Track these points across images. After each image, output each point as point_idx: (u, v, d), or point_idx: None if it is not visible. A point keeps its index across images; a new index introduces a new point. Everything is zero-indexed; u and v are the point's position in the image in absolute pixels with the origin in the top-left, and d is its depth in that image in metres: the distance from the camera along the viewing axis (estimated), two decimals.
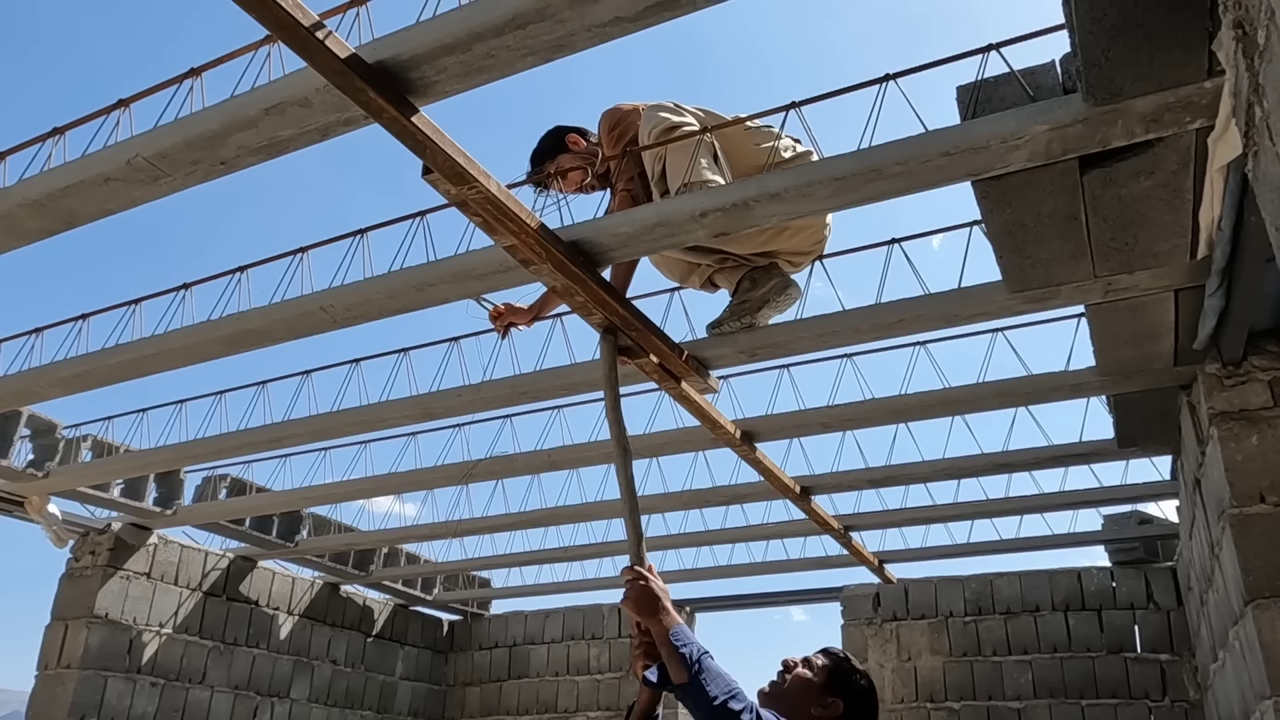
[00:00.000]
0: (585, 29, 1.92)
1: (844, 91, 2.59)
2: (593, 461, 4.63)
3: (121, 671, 5.37)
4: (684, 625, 1.99)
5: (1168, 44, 1.82)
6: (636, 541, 2.45)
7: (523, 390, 3.69)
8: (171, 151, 2.36)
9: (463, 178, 2.23)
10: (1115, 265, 2.63)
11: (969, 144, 2.17)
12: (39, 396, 3.94)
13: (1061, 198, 2.34)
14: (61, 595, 5.46)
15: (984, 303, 2.94)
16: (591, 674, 7.26)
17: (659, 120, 2.99)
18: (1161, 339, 3.15)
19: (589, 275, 2.68)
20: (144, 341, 3.45)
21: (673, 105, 3.08)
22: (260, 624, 6.27)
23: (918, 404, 3.82)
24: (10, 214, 2.67)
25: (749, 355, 3.32)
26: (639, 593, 2.08)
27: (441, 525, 5.58)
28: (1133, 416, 3.89)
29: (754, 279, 3.16)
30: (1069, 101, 2.07)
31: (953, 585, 6.27)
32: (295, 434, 4.23)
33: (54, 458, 4.89)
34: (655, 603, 2.04)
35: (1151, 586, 5.75)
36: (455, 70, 2.03)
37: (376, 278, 2.98)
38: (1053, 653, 5.83)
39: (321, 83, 2.05)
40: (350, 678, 6.88)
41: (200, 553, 5.98)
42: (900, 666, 6.20)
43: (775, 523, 5.61)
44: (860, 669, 2.03)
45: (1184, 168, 2.23)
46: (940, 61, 2.36)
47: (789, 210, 2.47)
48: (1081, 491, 5.00)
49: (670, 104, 3.09)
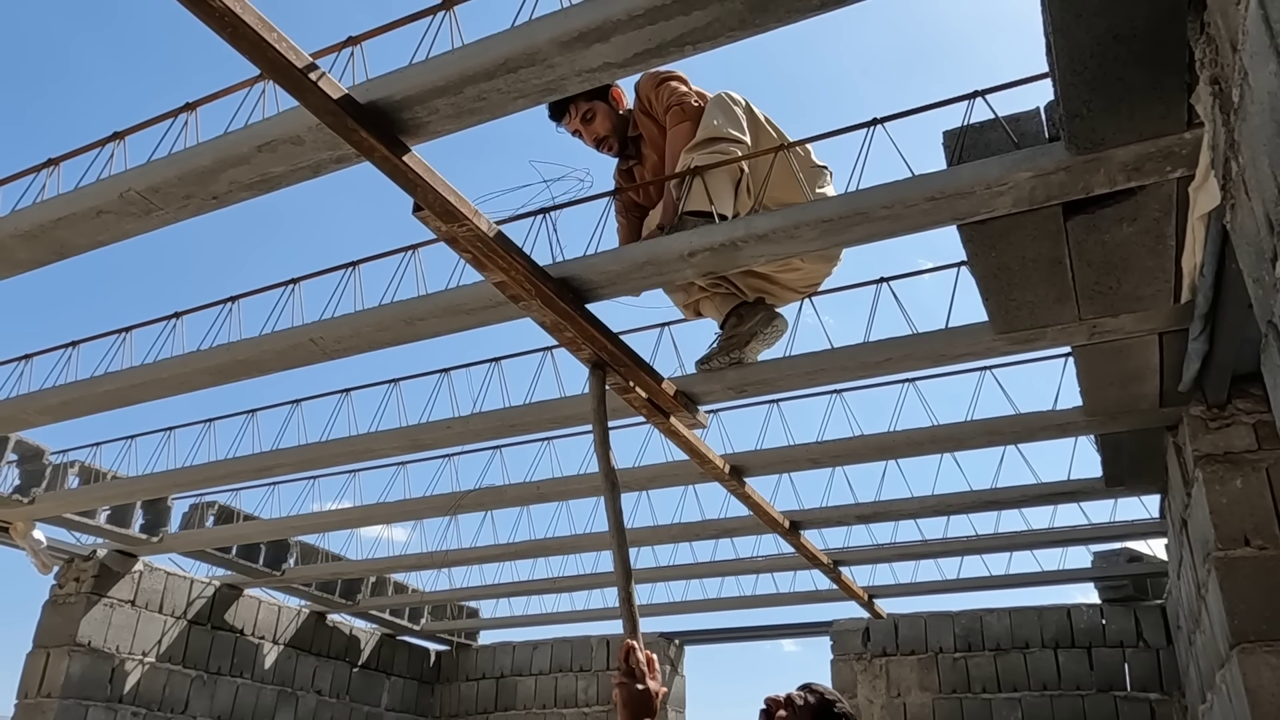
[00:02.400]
0: (575, 73, 1.95)
1: (834, 134, 2.62)
2: (581, 494, 4.62)
3: (103, 701, 5.30)
4: None
5: (1147, 96, 1.85)
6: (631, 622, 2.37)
7: (512, 423, 3.69)
8: (164, 185, 2.38)
9: (453, 215, 2.25)
10: (1100, 309, 2.65)
11: (954, 189, 2.20)
12: (27, 424, 3.93)
13: (1046, 242, 2.36)
14: (44, 622, 5.41)
15: (970, 343, 2.96)
16: (579, 706, 7.19)
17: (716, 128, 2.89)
18: (1147, 380, 3.17)
19: (577, 311, 2.69)
20: (133, 370, 3.45)
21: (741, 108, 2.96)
22: (245, 653, 6.21)
23: (906, 441, 3.83)
24: (2, 244, 2.68)
25: (737, 391, 3.33)
26: (631, 694, 2.00)
27: (430, 555, 5.55)
28: (1120, 456, 3.91)
29: (740, 315, 3.18)
30: (1052, 149, 2.10)
31: (942, 621, 6.24)
32: (284, 463, 4.22)
33: (40, 483, 4.86)
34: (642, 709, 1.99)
35: (1141, 624, 5.73)
36: (446, 111, 2.06)
37: (367, 310, 2.99)
38: (1042, 690, 5.80)
39: (314, 121, 2.07)
40: (335, 708, 6.80)
41: (186, 580, 5.93)
42: (890, 703, 6.16)
43: (765, 556, 5.60)
44: (845, 710, 2.00)
45: (1166, 215, 2.26)
46: (927, 107, 2.40)
47: (776, 251, 2.49)
48: (1070, 529, 5.00)
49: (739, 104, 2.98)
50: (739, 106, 2.96)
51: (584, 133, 3.36)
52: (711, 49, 1.89)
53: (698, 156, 2.81)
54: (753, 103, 3.04)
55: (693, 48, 1.88)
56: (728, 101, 2.97)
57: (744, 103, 3.01)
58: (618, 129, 3.35)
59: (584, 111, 3.32)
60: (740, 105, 2.98)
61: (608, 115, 3.34)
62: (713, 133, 2.88)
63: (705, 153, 2.82)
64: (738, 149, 2.85)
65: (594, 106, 3.31)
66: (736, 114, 2.94)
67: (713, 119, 2.91)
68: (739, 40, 1.87)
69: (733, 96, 2.99)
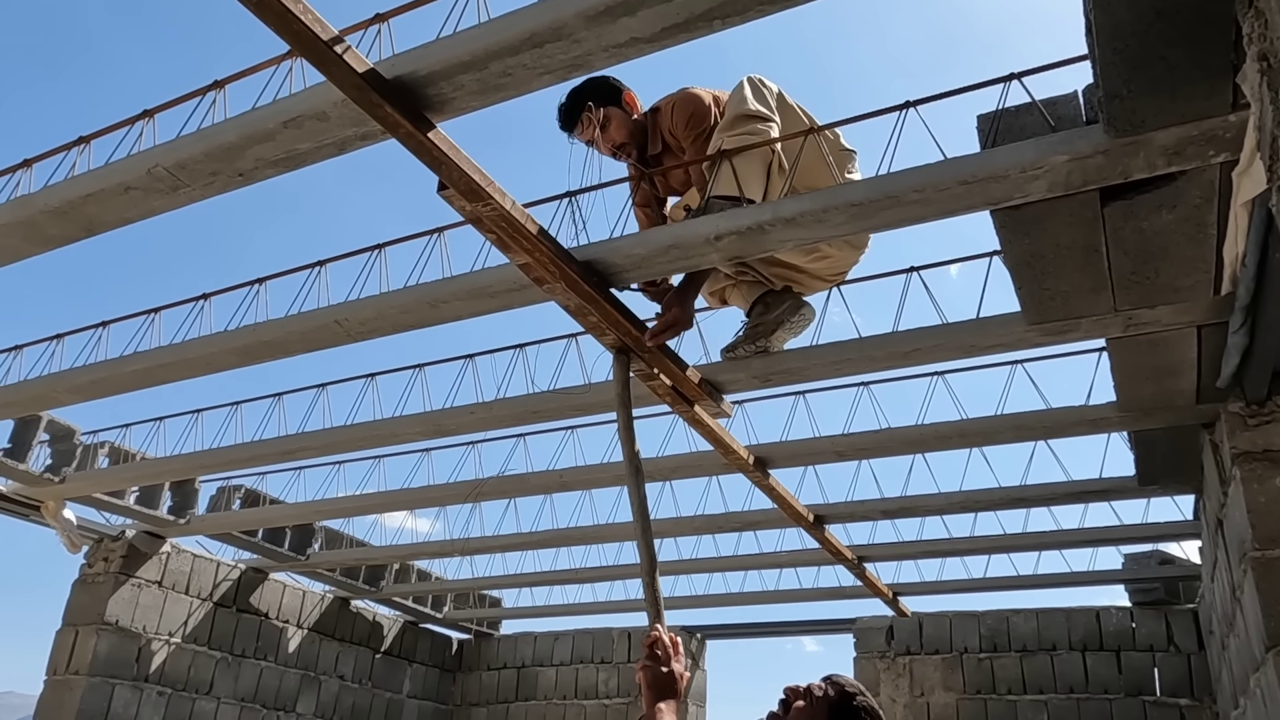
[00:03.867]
0: (601, 49, 1.92)
1: (864, 117, 2.58)
2: (605, 483, 4.61)
3: (129, 679, 5.37)
4: None
5: (1191, 76, 1.79)
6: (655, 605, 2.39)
7: (535, 409, 3.68)
8: (190, 162, 2.38)
9: (477, 194, 2.23)
10: (1136, 299, 2.59)
11: (988, 173, 2.15)
12: (57, 402, 3.97)
13: (1081, 229, 2.30)
14: (73, 601, 5.48)
15: (1002, 334, 2.90)
16: (599, 698, 7.18)
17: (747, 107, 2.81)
18: (1183, 375, 3.09)
19: (602, 295, 2.67)
20: (161, 350, 3.47)
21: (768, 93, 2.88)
22: (269, 636, 6.26)
23: (934, 435, 3.77)
24: (33, 220, 2.70)
25: (763, 381, 3.30)
26: (656, 676, 2.01)
27: (452, 543, 5.56)
28: (1154, 454, 3.82)
29: (767, 303, 3.14)
30: (1090, 132, 2.04)
31: (968, 621, 6.16)
32: (309, 446, 4.24)
33: (71, 463, 4.92)
34: (665, 689, 2.00)
35: (1172, 628, 5.63)
36: (471, 88, 2.04)
37: (391, 293, 2.98)
38: (1069, 693, 5.71)
39: (339, 97, 2.06)
40: (357, 694, 6.85)
41: (212, 563, 5.99)
42: (913, 702, 6.09)
43: (788, 551, 5.56)
44: (866, 704, 1.92)
45: (1207, 202, 2.20)
46: (961, 90, 2.34)
47: (804, 235, 2.45)
48: (1101, 529, 4.91)
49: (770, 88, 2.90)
50: (769, 90, 2.91)
51: (599, 142, 3.24)
52: (740, 24, 1.85)
53: (727, 138, 2.76)
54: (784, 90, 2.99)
55: (721, 22, 1.84)
56: (758, 83, 2.90)
57: (775, 88, 2.95)
58: (634, 135, 3.24)
59: (599, 120, 3.21)
60: (771, 89, 2.93)
61: (623, 121, 3.22)
62: (744, 110, 2.80)
63: (735, 133, 2.76)
64: (769, 129, 2.78)
65: (608, 113, 3.20)
66: (766, 96, 2.88)
67: (743, 98, 2.84)
68: (768, 15, 1.83)
69: (763, 80, 2.94)
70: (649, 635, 2.12)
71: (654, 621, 2.36)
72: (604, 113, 3.20)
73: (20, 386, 3.87)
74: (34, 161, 2.90)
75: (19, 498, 4.99)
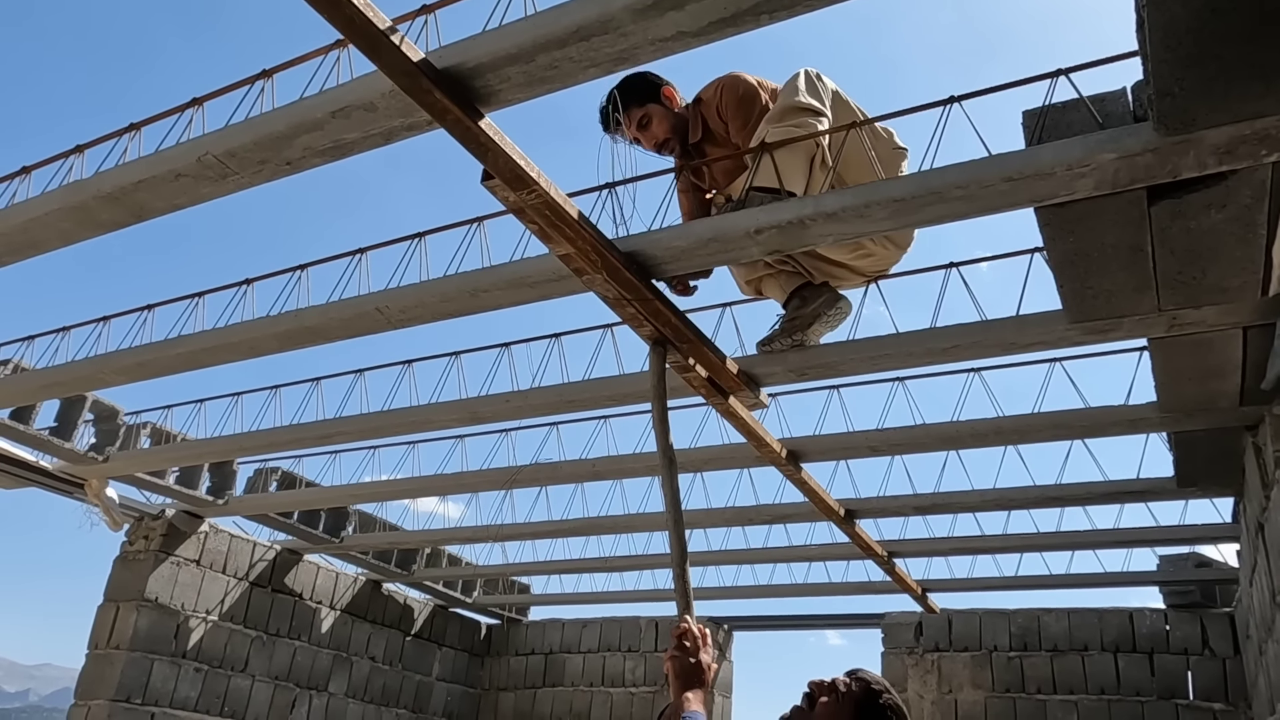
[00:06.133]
0: (649, 42, 1.92)
1: (908, 112, 2.57)
2: (637, 473, 4.63)
3: (168, 655, 5.49)
4: (703, 715, 1.94)
5: (1245, 75, 1.76)
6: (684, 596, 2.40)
7: (570, 399, 3.70)
8: (240, 150, 2.42)
9: (523, 181, 2.24)
10: (1181, 299, 2.56)
11: (1033, 170, 2.13)
12: (103, 383, 4.05)
13: (1127, 228, 2.28)
14: (114, 577, 5.61)
15: (1042, 331, 2.87)
16: (626, 686, 7.23)
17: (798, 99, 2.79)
18: (1227, 377, 3.05)
19: (644, 285, 2.68)
20: (205, 334, 3.53)
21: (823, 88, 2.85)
22: (303, 617, 6.36)
23: (969, 432, 3.75)
24: (85, 205, 2.76)
25: (798, 374, 3.29)
26: (684, 666, 2.03)
27: (484, 529, 5.62)
28: (1194, 456, 3.77)
29: (804, 296, 3.13)
30: (1139, 130, 2.02)
31: (998, 619, 6.13)
32: (345, 431, 4.30)
33: (114, 443, 5.03)
34: (692, 679, 2.01)
35: (1207, 632, 5.56)
36: (518, 80, 2.05)
37: (431, 281, 3.01)
38: (1100, 694, 5.67)
39: (388, 88, 2.08)
40: (387, 675, 6.95)
41: (249, 543, 6.10)
42: (941, 699, 6.08)
43: (818, 545, 5.55)
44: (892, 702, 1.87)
45: (1258, 202, 2.16)
46: (1007, 85, 2.32)
47: (845, 230, 2.44)
48: (1137, 530, 4.86)
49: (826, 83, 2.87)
50: (824, 85, 2.88)
51: (643, 139, 3.25)
52: (787, 18, 1.85)
53: (774, 129, 2.75)
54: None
55: (769, 17, 1.84)
56: (814, 77, 2.88)
57: (831, 84, 2.92)
58: (676, 129, 3.24)
59: (639, 118, 3.22)
60: (827, 85, 2.89)
61: (664, 117, 3.22)
62: (794, 102, 2.79)
63: (783, 125, 2.75)
64: (818, 122, 2.76)
65: (648, 111, 3.21)
66: (820, 91, 2.85)
67: (796, 88, 2.82)
68: (815, 10, 1.83)
69: (821, 75, 2.91)
70: (678, 625, 2.13)
71: (683, 612, 2.38)
72: (645, 111, 3.21)
73: (68, 367, 3.96)
74: (86, 148, 2.96)
75: (64, 475, 5.11)
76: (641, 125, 3.24)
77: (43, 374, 4.07)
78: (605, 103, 3.24)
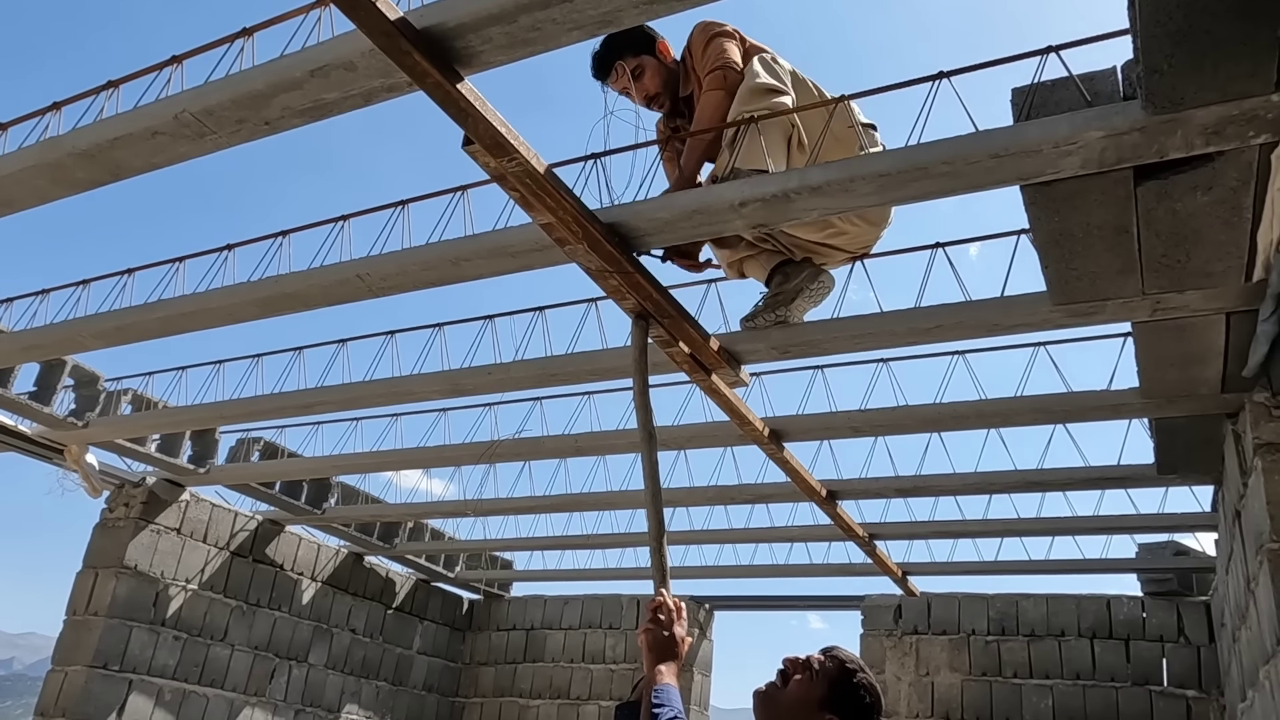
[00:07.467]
0: (632, 4, 1.89)
1: (895, 87, 2.54)
2: (619, 449, 4.62)
3: (146, 623, 5.47)
4: (674, 689, 1.93)
5: (1235, 53, 1.75)
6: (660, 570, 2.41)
7: (553, 372, 3.68)
8: (218, 109, 2.38)
9: (503, 148, 2.21)
10: (1165, 283, 2.55)
11: (1020, 147, 2.11)
12: (82, 346, 4.01)
13: (1113, 209, 2.26)
14: (93, 544, 5.57)
15: (1026, 314, 2.86)
16: (606, 663, 7.26)
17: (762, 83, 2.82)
18: (1209, 363, 3.05)
19: (625, 258, 2.66)
20: (184, 299, 3.50)
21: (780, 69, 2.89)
22: (284, 588, 6.35)
23: (951, 414, 3.74)
24: (60, 163, 2.71)
25: (781, 352, 3.28)
26: (657, 639, 2.03)
27: (466, 503, 5.61)
28: (1175, 442, 3.78)
29: (786, 272, 3.12)
30: (1127, 108, 2.00)
31: (977, 603, 6.16)
32: (327, 401, 4.27)
33: (95, 409, 4.98)
34: (666, 652, 2.01)
35: (1183, 620, 5.60)
36: (500, 41, 2.02)
37: (413, 249, 2.98)
38: (1075, 679, 5.71)
39: (367, 46, 2.04)
40: (368, 648, 6.95)
41: (230, 513, 6.07)
42: (918, 681, 6.12)
43: (799, 525, 5.56)
44: (866, 681, 1.86)
45: (1244, 184, 2.15)
46: (996, 61, 2.30)
47: (830, 205, 2.42)
48: (1116, 517, 4.88)
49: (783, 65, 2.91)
50: (781, 66, 2.92)
51: (633, 90, 3.24)
52: None
53: (744, 112, 2.75)
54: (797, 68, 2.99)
55: None
56: (769, 60, 2.92)
57: (787, 65, 2.96)
58: (668, 84, 3.25)
59: (632, 68, 3.22)
60: (783, 66, 2.94)
61: (657, 70, 3.23)
62: (756, 85, 2.82)
63: (752, 108, 2.77)
64: (784, 101, 2.80)
65: (642, 62, 3.21)
66: (779, 71, 2.88)
67: (754, 72, 2.85)
68: None
69: (776, 57, 2.95)
70: (653, 599, 2.13)
71: (659, 586, 2.37)
72: (638, 62, 3.20)
73: (47, 330, 3.91)
74: (63, 105, 2.91)
75: (43, 440, 5.07)
76: (635, 75, 3.23)
77: (20, 336, 4.02)
78: (599, 49, 3.23)
